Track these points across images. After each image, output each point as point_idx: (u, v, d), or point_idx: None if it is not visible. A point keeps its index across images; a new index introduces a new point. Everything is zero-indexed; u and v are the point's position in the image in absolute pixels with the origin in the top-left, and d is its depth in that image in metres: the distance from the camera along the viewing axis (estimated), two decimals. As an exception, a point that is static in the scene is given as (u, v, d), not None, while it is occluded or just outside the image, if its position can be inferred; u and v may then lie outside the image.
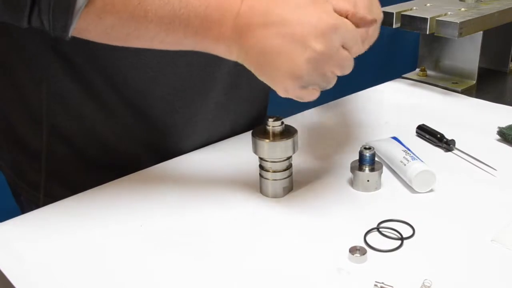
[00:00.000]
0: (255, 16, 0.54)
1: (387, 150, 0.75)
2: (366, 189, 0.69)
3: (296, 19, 0.53)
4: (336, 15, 0.54)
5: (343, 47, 0.55)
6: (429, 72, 1.12)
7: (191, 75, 0.74)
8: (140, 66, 0.70)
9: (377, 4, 0.63)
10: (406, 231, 0.60)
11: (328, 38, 0.53)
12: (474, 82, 1.06)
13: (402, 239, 0.59)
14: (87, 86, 0.71)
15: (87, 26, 0.54)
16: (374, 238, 0.59)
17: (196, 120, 0.78)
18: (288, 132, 0.65)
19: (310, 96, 0.58)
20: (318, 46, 0.53)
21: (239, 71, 0.76)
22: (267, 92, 0.92)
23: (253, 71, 0.57)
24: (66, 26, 0.53)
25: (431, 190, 0.68)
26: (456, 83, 1.06)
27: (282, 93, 0.57)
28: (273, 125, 0.64)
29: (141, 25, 0.54)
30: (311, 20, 0.53)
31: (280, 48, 0.54)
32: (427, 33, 0.98)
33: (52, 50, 0.68)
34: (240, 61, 0.57)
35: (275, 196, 0.68)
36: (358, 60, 0.59)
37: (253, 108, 0.87)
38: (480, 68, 1.06)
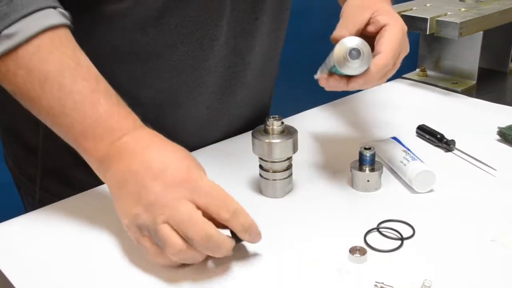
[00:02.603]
0: (122, 157, 0.54)
1: (387, 150, 0.75)
2: (366, 189, 0.69)
3: (146, 186, 0.52)
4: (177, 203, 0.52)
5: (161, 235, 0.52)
6: (429, 72, 1.12)
7: (177, 79, 0.74)
8: (125, 68, 0.70)
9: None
10: (406, 231, 0.60)
11: (173, 189, 0.52)
12: (474, 82, 1.06)
13: (402, 239, 0.59)
14: None
15: None
16: (374, 238, 0.59)
17: (186, 123, 0.78)
18: (288, 132, 0.65)
19: (150, 253, 0.54)
20: (156, 189, 0.52)
21: (232, 75, 0.76)
22: (269, 95, 0.92)
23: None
24: None
25: (431, 190, 0.68)
26: (456, 83, 1.06)
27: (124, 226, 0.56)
28: (273, 125, 0.64)
29: (34, 106, 0.56)
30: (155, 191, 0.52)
31: (118, 197, 0.55)
32: (427, 33, 0.98)
33: None
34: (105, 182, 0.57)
35: (275, 196, 0.68)
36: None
37: (251, 112, 0.87)
38: (480, 68, 1.06)
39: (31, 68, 0.54)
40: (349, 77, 0.62)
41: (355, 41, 0.59)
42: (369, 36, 0.65)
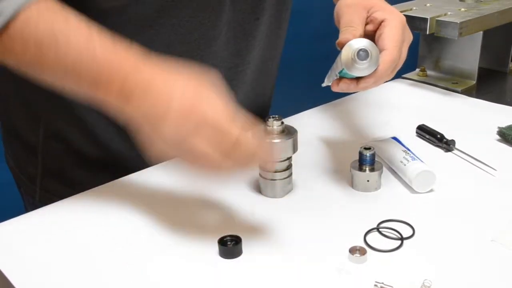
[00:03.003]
0: (137, 89, 0.55)
1: (387, 150, 0.75)
2: (366, 189, 0.69)
3: (168, 93, 0.53)
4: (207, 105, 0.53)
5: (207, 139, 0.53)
6: (429, 72, 1.12)
7: None
8: None
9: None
10: (406, 231, 0.60)
11: (182, 123, 0.53)
12: (474, 82, 1.06)
13: (402, 239, 0.59)
14: None
15: None
16: (374, 238, 0.59)
17: None
18: (288, 132, 0.65)
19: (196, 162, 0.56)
20: (167, 129, 0.53)
21: (232, 75, 0.76)
22: (269, 95, 0.92)
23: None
24: None
25: (431, 190, 0.68)
26: (456, 83, 1.06)
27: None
28: (273, 125, 0.64)
29: (39, 74, 0.57)
30: (178, 95, 0.53)
31: (144, 126, 0.55)
32: (427, 33, 0.98)
33: None
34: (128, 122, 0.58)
35: (275, 196, 0.68)
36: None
37: (251, 112, 0.87)
38: (480, 68, 1.06)
39: (25, 39, 0.55)
40: (358, 78, 0.62)
41: (362, 42, 0.59)
42: (369, 35, 0.65)
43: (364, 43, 0.59)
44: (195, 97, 0.53)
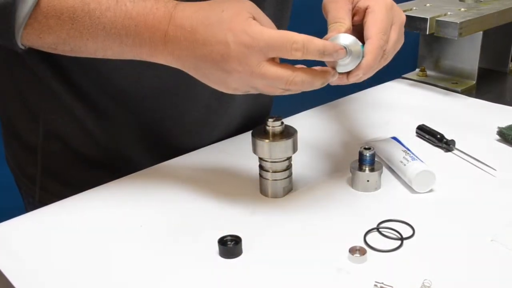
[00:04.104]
0: (182, 36, 0.55)
1: (387, 150, 0.75)
2: (366, 189, 0.69)
3: (216, 40, 0.54)
4: (253, 30, 0.53)
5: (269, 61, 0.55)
6: (429, 72, 1.12)
7: (175, 78, 0.74)
8: (120, 67, 0.71)
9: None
10: (406, 231, 0.60)
11: (243, 57, 0.54)
12: (474, 82, 1.06)
13: (402, 239, 0.59)
14: (75, 87, 0.73)
15: (32, 43, 0.59)
16: (374, 238, 0.59)
17: (185, 121, 0.78)
18: (288, 132, 0.65)
19: (267, 91, 0.58)
20: (232, 66, 0.54)
21: None
22: (269, 95, 0.92)
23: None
24: (13, 46, 0.59)
25: (431, 190, 0.68)
26: (456, 83, 1.06)
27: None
28: (273, 125, 0.64)
29: (79, 43, 0.58)
30: (227, 40, 0.53)
31: (206, 70, 0.56)
32: (427, 33, 0.98)
33: (36, 50, 0.70)
34: (182, 69, 0.59)
35: (275, 196, 0.68)
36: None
37: (251, 112, 0.87)
38: (480, 68, 1.06)
39: (58, 11, 0.56)
40: (348, 73, 0.61)
41: (340, 40, 0.58)
42: (358, 25, 0.63)
43: (341, 39, 0.59)
44: (244, 27, 0.53)
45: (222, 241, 0.57)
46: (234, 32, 0.53)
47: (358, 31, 0.61)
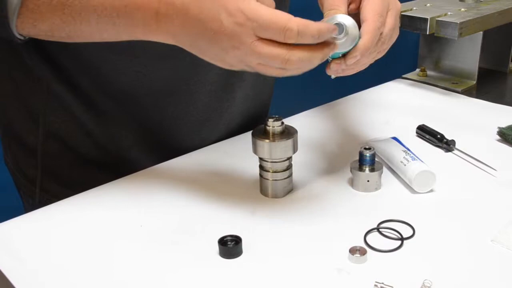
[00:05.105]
0: (174, 14, 0.54)
1: (387, 150, 0.75)
2: (366, 189, 0.69)
3: (208, 17, 0.52)
4: (249, 8, 0.52)
5: (263, 39, 0.53)
6: (429, 72, 1.12)
7: (175, 77, 0.74)
8: (120, 68, 0.70)
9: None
10: (406, 231, 0.60)
11: (236, 36, 0.52)
12: (474, 82, 1.06)
13: (402, 239, 0.59)
14: (75, 87, 0.73)
15: (28, 32, 0.59)
16: (374, 238, 0.59)
17: (185, 121, 0.78)
18: (288, 132, 0.65)
19: (264, 71, 0.56)
20: (226, 44, 0.53)
21: (231, 73, 0.76)
22: (269, 94, 0.92)
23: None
24: (11, 36, 0.59)
25: (431, 190, 0.68)
26: (456, 83, 1.06)
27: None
28: (273, 125, 0.64)
29: (74, 28, 0.58)
30: (220, 17, 0.52)
31: (202, 46, 0.55)
32: (427, 33, 0.98)
33: (35, 50, 0.69)
34: (179, 45, 0.58)
35: (275, 196, 0.68)
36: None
37: (251, 112, 0.87)
38: (480, 68, 1.06)
39: None
40: (345, 56, 0.60)
41: (336, 19, 0.58)
42: (354, 14, 0.63)
43: (338, 18, 0.58)
44: (238, 3, 0.52)
45: (222, 241, 0.57)
46: (228, 9, 0.51)
47: (355, 20, 0.61)
